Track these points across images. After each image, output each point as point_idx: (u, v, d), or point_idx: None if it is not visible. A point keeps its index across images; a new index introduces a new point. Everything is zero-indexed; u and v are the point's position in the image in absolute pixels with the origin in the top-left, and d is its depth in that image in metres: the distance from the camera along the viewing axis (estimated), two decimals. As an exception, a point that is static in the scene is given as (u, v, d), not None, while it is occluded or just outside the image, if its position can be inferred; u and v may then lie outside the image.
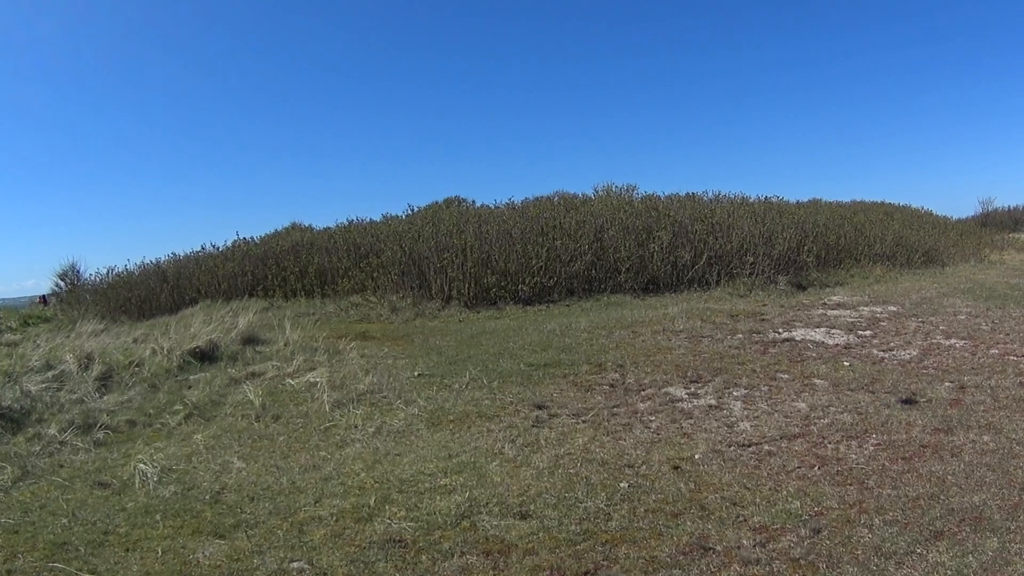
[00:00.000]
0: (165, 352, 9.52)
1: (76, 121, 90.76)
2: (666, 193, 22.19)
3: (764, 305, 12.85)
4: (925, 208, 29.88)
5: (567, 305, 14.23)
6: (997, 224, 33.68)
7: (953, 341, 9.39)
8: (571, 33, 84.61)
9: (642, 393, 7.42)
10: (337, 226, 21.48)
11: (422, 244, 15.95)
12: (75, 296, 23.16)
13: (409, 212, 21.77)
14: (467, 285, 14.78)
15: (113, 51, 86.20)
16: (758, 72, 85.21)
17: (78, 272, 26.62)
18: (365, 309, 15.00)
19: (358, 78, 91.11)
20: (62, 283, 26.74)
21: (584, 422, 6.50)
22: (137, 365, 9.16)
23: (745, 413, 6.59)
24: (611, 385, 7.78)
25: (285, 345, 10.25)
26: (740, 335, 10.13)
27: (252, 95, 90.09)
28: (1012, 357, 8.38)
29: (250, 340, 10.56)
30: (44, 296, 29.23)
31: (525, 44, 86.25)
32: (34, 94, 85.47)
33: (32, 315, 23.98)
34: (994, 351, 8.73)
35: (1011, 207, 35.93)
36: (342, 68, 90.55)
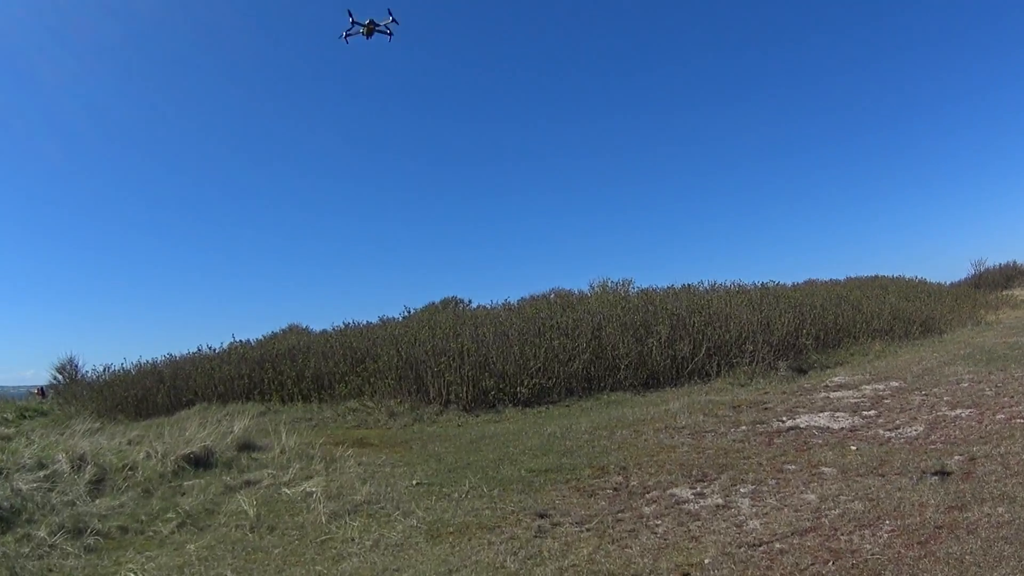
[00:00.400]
0: (159, 456, 9.39)
1: (80, 221, 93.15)
2: (662, 286, 22.47)
3: (766, 393, 12.72)
4: (919, 277, 30.23)
5: (567, 405, 14.09)
6: (990, 283, 33.90)
7: (959, 411, 9.26)
8: (557, 134, 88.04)
9: (647, 496, 7.22)
10: (334, 330, 21.64)
11: (419, 348, 15.99)
12: (72, 391, 23.15)
13: (406, 314, 22.00)
14: (465, 388, 14.70)
15: (109, 159, 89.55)
16: (745, 163, 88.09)
17: (76, 366, 26.74)
18: (362, 414, 14.91)
19: (354, 181, 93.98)
20: (60, 376, 26.76)
21: (588, 530, 6.30)
22: (131, 468, 9.04)
23: (754, 510, 6.40)
24: (615, 489, 7.59)
25: (281, 452, 10.12)
26: (744, 427, 9.98)
27: (249, 198, 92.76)
28: (1019, 420, 8.27)
29: (246, 446, 10.45)
30: (42, 388, 29.39)
31: (516, 145, 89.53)
32: (38, 190, 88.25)
33: (29, 408, 24.10)
34: (1000, 416, 8.61)
35: (1002, 264, 36.27)
36: (337, 172, 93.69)
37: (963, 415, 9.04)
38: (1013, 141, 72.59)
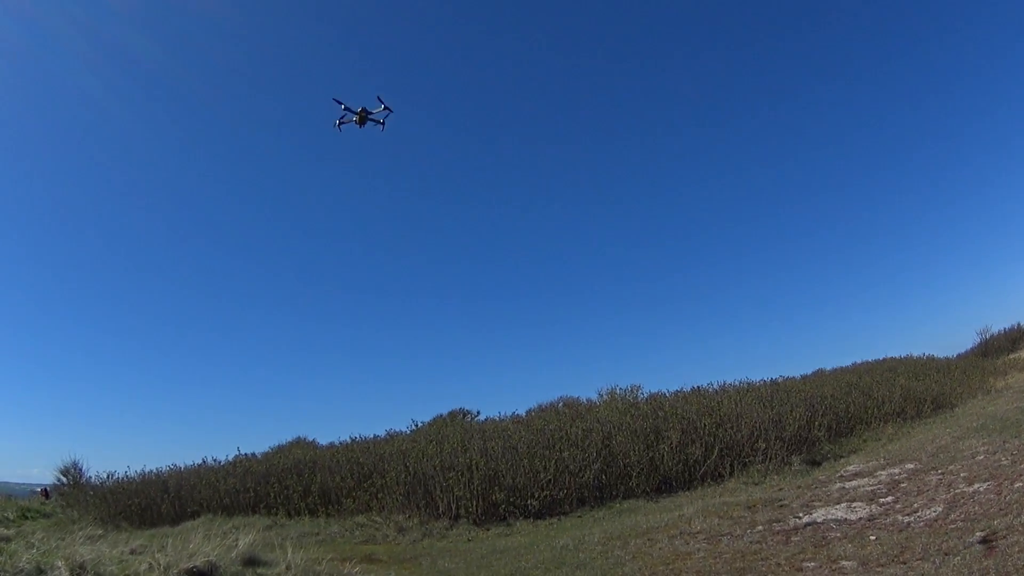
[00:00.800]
0: (161, 569, 8.99)
1: (92, 325, 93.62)
2: (671, 391, 22.29)
3: (780, 490, 12.38)
4: (927, 355, 30.04)
5: (579, 516, 13.71)
6: (996, 349, 33.65)
7: (976, 486, 9.02)
8: (555, 244, 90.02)
9: (662, 607, 6.94)
10: (341, 444, 21.42)
11: (427, 463, 15.80)
12: (76, 495, 22.74)
13: (413, 428, 21.72)
14: (475, 502, 14.40)
15: (118, 270, 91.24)
16: (745, 261, 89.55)
17: (80, 470, 26.08)
18: (371, 530, 14.52)
19: (358, 290, 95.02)
20: (64, 479, 26.06)
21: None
22: (131, 581, 8.64)
23: (772, 612, 6.15)
24: (630, 604, 7.30)
25: (287, 568, 9.75)
26: (760, 527, 9.68)
27: (255, 309, 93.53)
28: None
29: (251, 562, 10.06)
30: (46, 488, 28.95)
31: (517, 255, 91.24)
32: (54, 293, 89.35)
33: (31, 508, 23.78)
34: (1018, 484, 8.43)
35: (1007, 328, 36.06)
36: (346, 281, 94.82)
37: (981, 489, 8.82)
38: (1012, 209, 73.83)
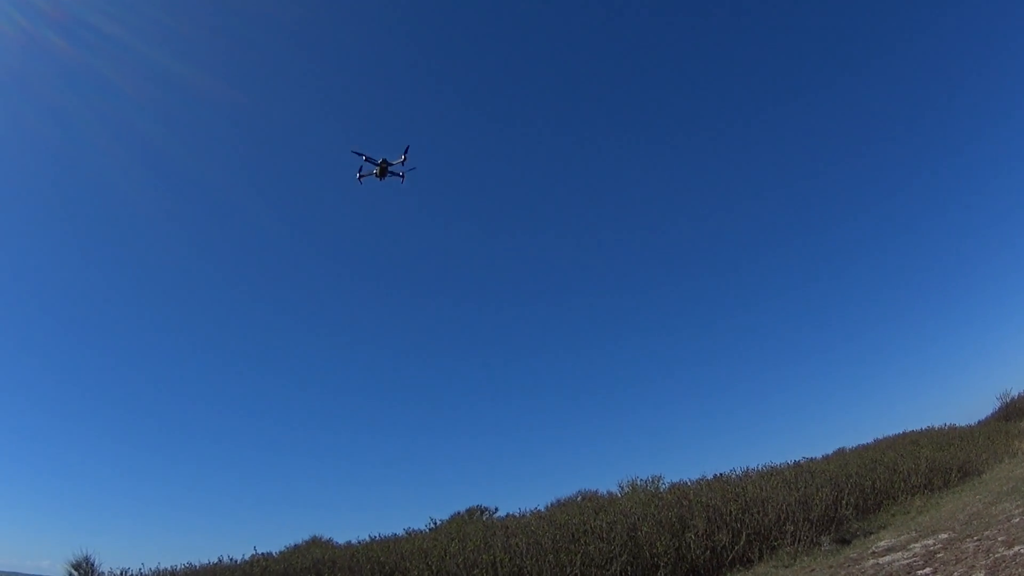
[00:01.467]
0: None
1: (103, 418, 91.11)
2: (693, 479, 21.95)
3: (812, 571, 12.12)
4: (948, 424, 29.72)
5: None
6: (1018, 412, 33.05)
7: (1017, 548, 8.89)
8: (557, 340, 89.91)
9: None
10: (359, 543, 20.91)
11: (449, 561, 15.46)
12: None
13: (432, 525, 21.14)
14: (501, 600, 13.96)
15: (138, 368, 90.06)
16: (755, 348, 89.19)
17: (92, 566, 24.69)
18: None
19: (369, 390, 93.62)
20: (75, 573, 24.69)
21: None
22: None
23: None
24: None
25: None
26: (796, 607, 9.40)
27: (265, 405, 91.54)
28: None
29: None
30: None
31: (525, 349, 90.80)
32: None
33: None
34: (1059, 543, 8.23)
35: (1026, 389, 35.42)
36: (357, 379, 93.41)
37: (1023, 551, 8.62)
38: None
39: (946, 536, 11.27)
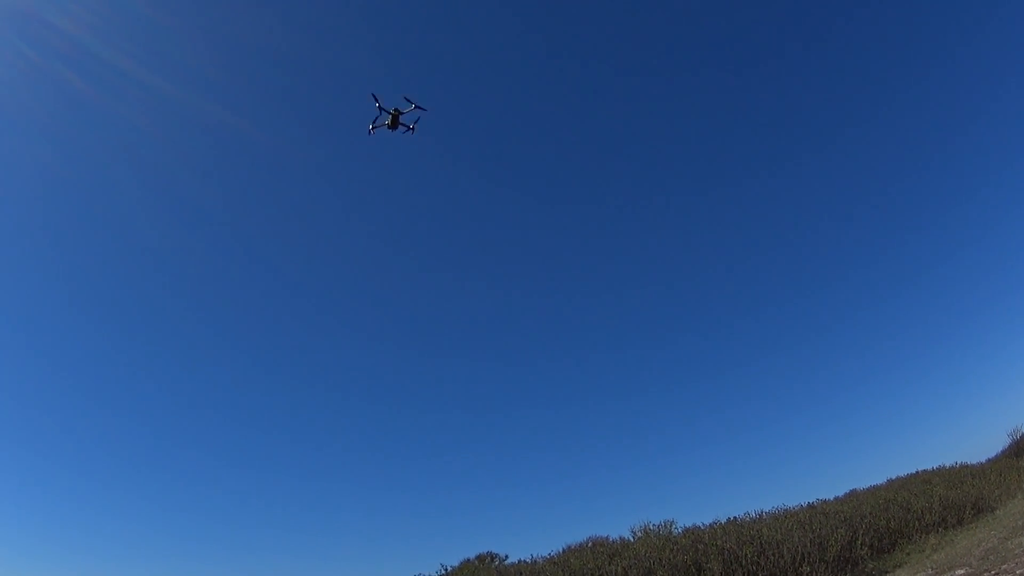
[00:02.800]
0: None
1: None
2: (707, 523, 21.97)
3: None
4: (959, 463, 29.70)
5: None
6: (1029, 446, 32.86)
7: (1033, 583, 9.00)
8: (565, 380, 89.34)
9: None
10: None
11: None
12: None
13: (442, 572, 20.97)
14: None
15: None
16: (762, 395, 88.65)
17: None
18: None
19: (372, 434, 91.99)
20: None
21: None
22: None
23: None
24: None
25: None
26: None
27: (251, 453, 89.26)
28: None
29: None
30: None
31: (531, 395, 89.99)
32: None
33: None
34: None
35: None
36: (355, 424, 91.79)
37: (1039, 583, 8.82)
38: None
39: (963, 572, 11.38)
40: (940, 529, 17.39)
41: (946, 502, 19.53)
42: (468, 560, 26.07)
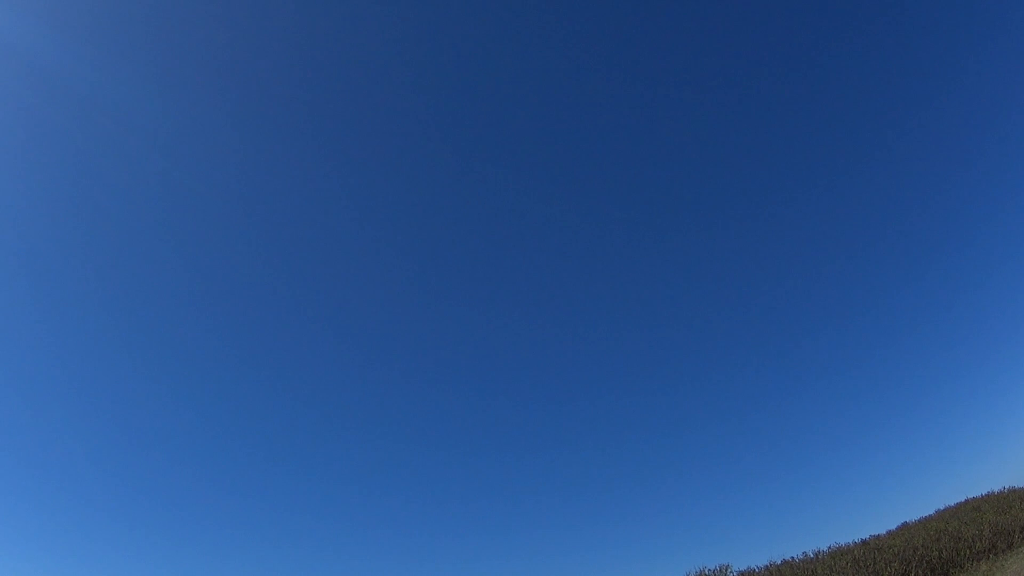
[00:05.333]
0: None
1: None
2: (761, 566, 22.24)
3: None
4: (1008, 487, 29.65)
5: None
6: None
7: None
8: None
9: None
10: None
11: None
12: None
13: None
14: None
15: None
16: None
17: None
18: None
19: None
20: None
21: None
22: None
23: None
24: None
25: None
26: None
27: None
28: None
29: None
30: None
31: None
32: None
33: None
34: None
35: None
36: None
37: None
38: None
39: (1012, 595, 12.04)
40: (991, 555, 17.81)
41: (996, 528, 19.89)
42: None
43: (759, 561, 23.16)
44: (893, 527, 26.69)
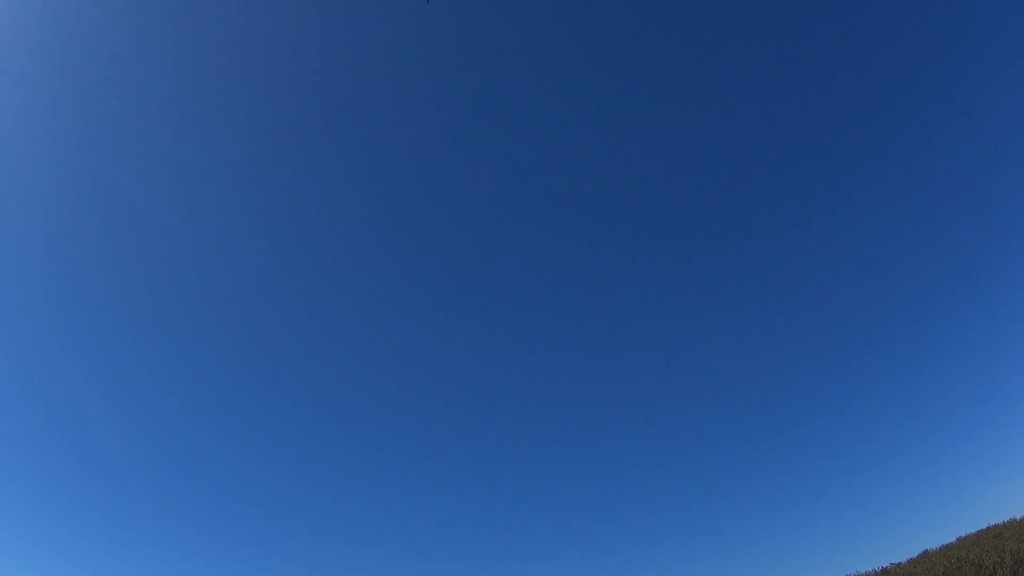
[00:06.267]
0: None
1: None
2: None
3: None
4: (1027, 513, 29.41)
5: None
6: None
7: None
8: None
9: None
10: None
11: None
12: None
13: None
14: None
15: None
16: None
17: None
18: None
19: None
20: None
21: None
22: None
23: None
24: None
25: None
26: None
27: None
28: None
29: None
30: None
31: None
32: None
33: None
34: None
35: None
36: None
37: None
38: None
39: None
40: (1013, 582, 17.79)
41: (1017, 556, 19.81)
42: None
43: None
44: (914, 555, 26.57)
